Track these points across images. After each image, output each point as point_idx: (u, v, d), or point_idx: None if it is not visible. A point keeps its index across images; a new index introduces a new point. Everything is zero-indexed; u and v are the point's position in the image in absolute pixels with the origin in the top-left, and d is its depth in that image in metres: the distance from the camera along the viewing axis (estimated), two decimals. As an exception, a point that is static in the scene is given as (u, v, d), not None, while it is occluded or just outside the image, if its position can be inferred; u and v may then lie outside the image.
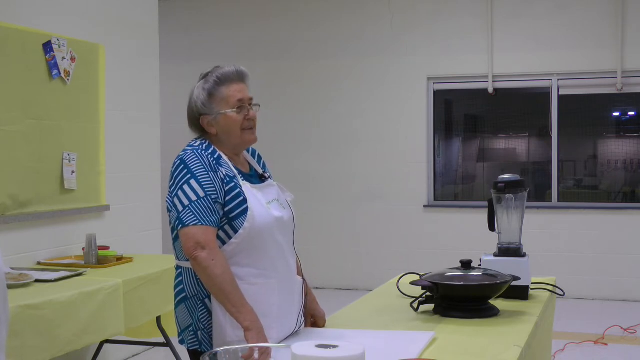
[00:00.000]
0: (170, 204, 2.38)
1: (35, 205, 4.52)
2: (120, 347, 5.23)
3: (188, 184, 2.32)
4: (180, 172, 2.36)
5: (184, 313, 2.41)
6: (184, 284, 2.41)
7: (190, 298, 2.38)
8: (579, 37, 7.51)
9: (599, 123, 8.24)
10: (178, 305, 2.43)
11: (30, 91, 4.48)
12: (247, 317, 2.23)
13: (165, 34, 7.11)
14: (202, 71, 2.55)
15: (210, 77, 2.47)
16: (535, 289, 3.09)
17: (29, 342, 3.34)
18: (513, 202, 3.09)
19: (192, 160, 2.35)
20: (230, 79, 2.46)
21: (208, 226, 2.28)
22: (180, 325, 2.43)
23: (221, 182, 2.35)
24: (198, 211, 2.28)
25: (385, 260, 7.87)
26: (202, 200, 2.29)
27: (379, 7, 8.01)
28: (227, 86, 2.45)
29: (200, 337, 2.36)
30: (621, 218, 7.47)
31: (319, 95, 8.22)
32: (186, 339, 2.41)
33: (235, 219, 2.33)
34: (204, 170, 2.34)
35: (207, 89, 2.45)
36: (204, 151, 2.39)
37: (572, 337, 5.91)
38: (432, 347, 2.29)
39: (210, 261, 2.24)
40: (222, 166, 2.39)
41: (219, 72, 2.47)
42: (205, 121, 2.45)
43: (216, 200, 2.31)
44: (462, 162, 8.57)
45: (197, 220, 2.28)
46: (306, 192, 8.14)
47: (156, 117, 5.95)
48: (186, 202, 2.30)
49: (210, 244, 2.26)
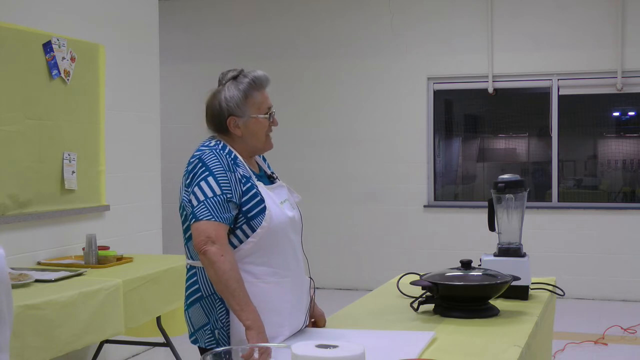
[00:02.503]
0: (187, 200, 2.39)
1: (35, 205, 4.52)
2: (120, 347, 5.23)
3: (205, 181, 2.34)
4: (198, 170, 2.37)
5: (199, 312, 2.42)
6: (199, 283, 2.42)
7: (207, 297, 2.40)
8: (579, 37, 7.51)
9: (599, 123, 8.24)
10: (192, 305, 2.44)
11: (30, 91, 4.48)
12: (249, 316, 2.25)
13: (166, 33, 7.11)
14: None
15: (243, 79, 2.47)
16: (535, 289, 3.09)
17: (29, 342, 3.34)
18: (513, 202, 3.09)
19: (210, 159, 2.37)
20: (262, 84, 2.50)
21: (220, 222, 2.30)
22: (194, 325, 2.44)
23: (238, 182, 2.38)
24: (212, 207, 2.31)
25: (385, 260, 7.87)
26: (217, 197, 2.32)
27: (379, 7, 8.01)
28: (260, 91, 2.49)
29: (218, 335, 2.39)
30: (621, 218, 7.47)
31: (319, 95, 8.22)
32: (202, 338, 2.42)
33: (253, 218, 2.37)
34: (222, 169, 2.36)
35: (243, 91, 2.46)
36: (222, 151, 2.41)
37: (572, 337, 5.91)
38: (432, 347, 2.29)
39: (219, 256, 2.26)
40: (239, 166, 2.42)
41: (253, 75, 2.49)
42: (233, 122, 2.46)
43: (230, 199, 2.34)
44: (462, 162, 8.57)
45: (210, 215, 2.30)
46: (306, 192, 8.12)
47: (156, 117, 5.95)
48: (202, 198, 2.32)
49: (220, 240, 2.28)
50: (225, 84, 2.48)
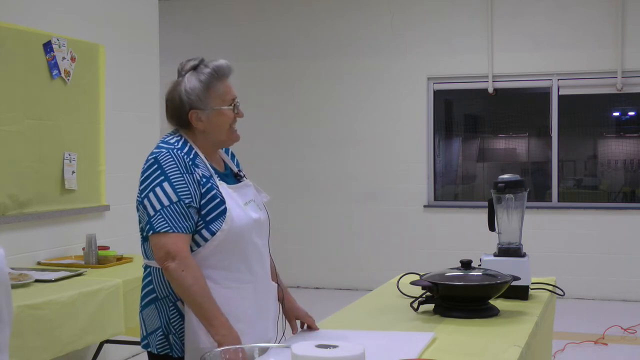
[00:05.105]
0: (140, 204, 2.25)
1: (35, 205, 4.52)
2: (120, 347, 5.23)
3: (161, 187, 2.20)
4: (153, 173, 2.23)
5: (153, 315, 2.29)
6: (154, 284, 2.29)
7: (161, 299, 2.27)
8: (579, 37, 7.51)
9: (599, 123, 8.25)
10: (146, 306, 2.31)
11: (30, 91, 4.48)
12: (219, 331, 2.13)
13: (166, 33, 7.10)
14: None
15: (204, 69, 2.30)
16: (535, 289, 3.09)
17: (29, 342, 3.34)
18: (513, 202, 3.09)
19: (166, 161, 2.23)
20: (225, 74, 2.33)
21: (179, 233, 2.17)
22: (147, 327, 2.30)
23: (197, 185, 2.23)
24: (170, 217, 2.17)
25: (385, 260, 7.87)
26: (174, 206, 2.18)
27: (379, 7, 8.01)
28: (222, 81, 2.32)
29: (172, 340, 2.25)
30: (621, 218, 7.47)
31: (319, 95, 8.22)
32: (153, 343, 2.28)
33: (212, 222, 2.23)
34: (179, 172, 2.21)
35: (204, 82, 2.29)
36: (180, 150, 2.26)
37: (572, 337, 5.91)
38: (432, 347, 2.29)
39: (180, 272, 2.14)
40: (199, 166, 2.27)
41: (214, 64, 2.31)
42: (195, 115, 2.30)
43: (190, 204, 2.20)
44: (462, 162, 8.57)
45: (168, 227, 2.16)
46: (306, 192, 8.14)
47: (156, 117, 5.94)
48: (158, 207, 2.19)
49: (180, 253, 2.15)
50: (184, 75, 2.30)
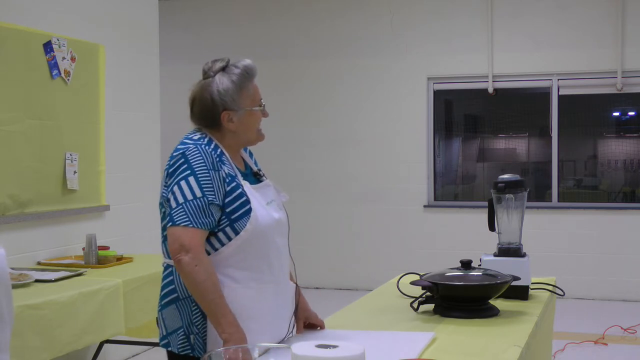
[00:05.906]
0: (166, 199, 2.24)
1: (35, 205, 4.52)
2: (120, 347, 5.23)
3: (186, 181, 2.18)
4: (180, 166, 2.21)
5: (174, 314, 2.27)
6: (175, 283, 2.27)
7: (183, 299, 2.25)
8: (579, 37, 7.51)
9: (599, 123, 8.24)
10: (166, 306, 2.29)
11: (30, 91, 4.48)
12: (225, 329, 2.12)
13: (166, 33, 7.11)
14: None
15: (234, 69, 2.30)
16: (535, 289, 3.09)
17: (29, 342, 3.34)
18: (513, 202, 3.09)
19: (194, 156, 2.21)
20: (254, 74, 2.32)
21: (197, 229, 2.15)
22: (167, 327, 2.28)
23: (222, 182, 2.21)
24: (191, 211, 2.15)
25: (385, 260, 7.87)
26: (197, 201, 2.16)
27: (379, 7, 8.01)
28: (251, 81, 2.32)
29: (193, 341, 2.23)
30: (621, 218, 7.47)
31: (319, 95, 8.22)
32: (174, 343, 2.26)
33: (237, 220, 2.22)
34: (205, 168, 2.19)
35: (237, 83, 2.28)
36: (207, 146, 2.24)
37: (572, 337, 5.91)
38: (432, 347, 2.29)
39: (193, 266, 2.12)
40: (225, 164, 2.25)
41: (243, 64, 2.31)
42: (227, 117, 2.28)
43: (212, 202, 2.18)
44: (462, 162, 8.57)
45: (188, 221, 2.14)
46: (306, 192, 8.14)
47: (156, 117, 5.95)
48: (180, 200, 2.17)
49: (195, 248, 2.13)
50: (214, 76, 2.30)
